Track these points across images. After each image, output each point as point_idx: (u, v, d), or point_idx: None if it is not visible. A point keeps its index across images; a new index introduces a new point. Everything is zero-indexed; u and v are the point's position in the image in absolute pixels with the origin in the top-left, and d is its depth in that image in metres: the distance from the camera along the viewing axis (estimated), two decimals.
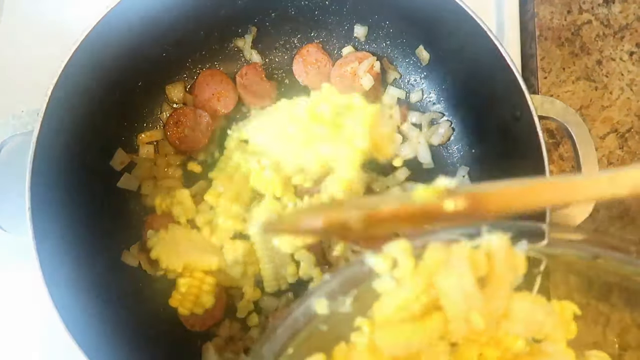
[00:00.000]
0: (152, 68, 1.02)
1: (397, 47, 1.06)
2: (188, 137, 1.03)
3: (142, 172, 1.02)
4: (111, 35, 0.88)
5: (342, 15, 1.05)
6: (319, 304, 0.56)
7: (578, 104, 1.10)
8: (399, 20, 1.03)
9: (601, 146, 1.09)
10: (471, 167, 1.03)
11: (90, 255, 0.91)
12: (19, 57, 1.09)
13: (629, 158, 1.09)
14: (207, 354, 0.94)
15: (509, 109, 0.88)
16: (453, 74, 1.01)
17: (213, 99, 1.05)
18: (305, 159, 0.92)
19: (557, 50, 1.13)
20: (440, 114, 1.06)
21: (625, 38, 1.13)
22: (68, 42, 0.84)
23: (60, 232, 0.85)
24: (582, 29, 1.13)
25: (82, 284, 0.87)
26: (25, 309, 0.98)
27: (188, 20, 1.01)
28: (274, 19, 1.05)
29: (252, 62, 1.08)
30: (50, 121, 0.83)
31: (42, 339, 0.97)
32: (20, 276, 0.95)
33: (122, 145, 1.01)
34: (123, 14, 0.88)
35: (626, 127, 1.10)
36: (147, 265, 0.98)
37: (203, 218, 0.97)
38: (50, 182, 0.85)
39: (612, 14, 1.14)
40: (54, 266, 0.80)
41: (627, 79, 1.11)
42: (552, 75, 1.12)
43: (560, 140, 1.09)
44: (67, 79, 0.84)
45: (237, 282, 0.98)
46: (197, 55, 1.06)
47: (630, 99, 1.10)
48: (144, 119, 1.05)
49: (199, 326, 0.96)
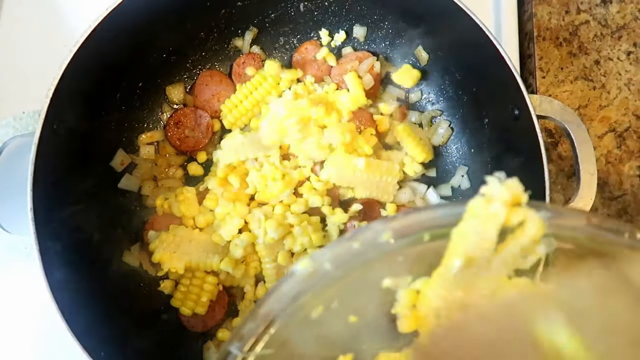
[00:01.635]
0: (152, 69, 1.03)
1: (396, 48, 1.07)
2: (188, 138, 1.03)
3: (143, 172, 1.02)
4: (111, 37, 0.88)
5: (341, 15, 1.05)
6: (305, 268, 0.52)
7: (576, 104, 1.11)
8: (397, 21, 1.03)
9: (599, 145, 1.10)
10: (470, 167, 1.03)
11: (92, 256, 0.91)
12: (20, 59, 1.09)
13: (626, 157, 1.09)
14: (209, 353, 0.95)
15: (508, 108, 0.89)
16: (452, 74, 1.02)
17: (213, 100, 1.06)
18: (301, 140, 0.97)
19: (555, 50, 1.13)
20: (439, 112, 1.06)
21: (622, 38, 1.14)
22: (68, 43, 0.85)
23: (62, 232, 0.85)
24: (579, 29, 1.14)
25: (84, 284, 0.87)
26: (26, 309, 0.98)
27: (188, 21, 1.01)
28: (273, 20, 1.05)
29: (250, 52, 1.07)
30: (50, 122, 0.83)
31: (43, 338, 0.97)
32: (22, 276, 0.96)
33: (123, 145, 1.01)
34: (123, 15, 0.88)
35: (624, 127, 1.10)
36: (148, 266, 0.98)
37: (204, 218, 0.98)
38: (52, 182, 0.85)
39: (609, 14, 1.14)
40: (55, 267, 0.80)
41: (625, 79, 1.12)
42: (550, 75, 1.12)
43: (559, 140, 1.10)
44: (67, 80, 0.84)
45: (239, 281, 0.98)
46: (196, 55, 1.07)
47: (628, 99, 1.11)
48: (144, 120, 1.05)
49: (200, 327, 0.97)
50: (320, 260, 0.52)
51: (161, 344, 0.94)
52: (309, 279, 0.52)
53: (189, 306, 0.94)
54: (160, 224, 0.99)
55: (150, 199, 1.02)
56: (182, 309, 0.94)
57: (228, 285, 0.99)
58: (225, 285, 0.98)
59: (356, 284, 0.55)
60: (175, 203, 0.99)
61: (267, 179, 0.97)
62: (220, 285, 0.97)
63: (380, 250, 0.52)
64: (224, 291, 0.98)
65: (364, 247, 0.52)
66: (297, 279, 0.52)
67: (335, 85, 1.05)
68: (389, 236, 0.51)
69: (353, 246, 0.52)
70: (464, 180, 1.03)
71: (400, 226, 0.52)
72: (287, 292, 0.52)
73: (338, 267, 0.52)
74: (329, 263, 0.52)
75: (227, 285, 0.99)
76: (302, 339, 0.55)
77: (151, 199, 1.02)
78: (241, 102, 1.03)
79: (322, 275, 0.52)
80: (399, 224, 0.52)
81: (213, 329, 0.98)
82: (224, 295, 0.98)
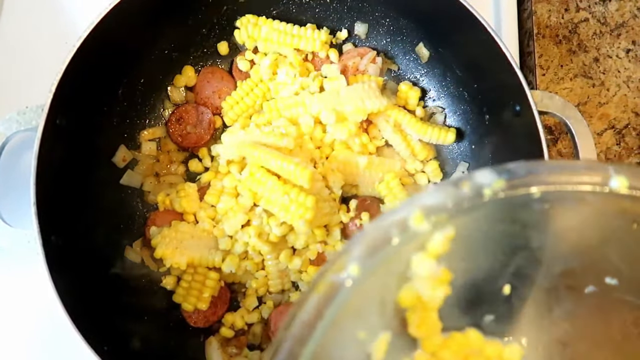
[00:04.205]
0: (153, 65, 1.03)
1: (397, 45, 1.07)
2: (190, 134, 1.04)
3: (145, 169, 1.02)
4: (114, 33, 0.88)
5: (342, 13, 1.06)
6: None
7: (575, 101, 1.12)
8: (399, 18, 1.04)
9: (598, 142, 1.10)
10: (471, 163, 1.04)
11: (94, 251, 0.91)
12: (23, 54, 1.09)
13: (626, 154, 1.10)
14: (210, 348, 0.95)
15: (509, 104, 0.89)
16: (453, 70, 1.02)
17: (214, 96, 1.06)
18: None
19: (554, 48, 1.14)
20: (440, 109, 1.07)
21: (621, 36, 1.14)
22: (71, 38, 0.85)
23: (65, 227, 0.85)
24: (579, 27, 1.15)
25: (86, 280, 0.87)
26: (29, 303, 0.98)
27: (190, 17, 1.02)
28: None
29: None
30: (53, 117, 0.83)
31: (46, 332, 0.97)
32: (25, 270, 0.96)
33: (125, 142, 1.01)
34: (126, 11, 0.88)
35: (623, 124, 1.11)
36: (150, 262, 0.98)
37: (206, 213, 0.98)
38: (54, 177, 0.85)
39: (608, 12, 1.15)
40: (57, 261, 0.80)
41: (624, 76, 1.13)
42: (550, 73, 1.13)
43: (559, 137, 1.10)
44: (70, 75, 0.84)
45: (240, 277, 0.98)
46: (198, 52, 1.07)
47: (627, 96, 1.12)
48: (146, 116, 1.05)
49: (202, 322, 0.97)
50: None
51: (163, 340, 0.94)
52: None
53: (191, 302, 0.94)
54: (162, 220, 0.99)
55: (152, 195, 1.02)
56: (184, 304, 0.94)
57: (230, 281, 0.99)
58: (227, 281, 0.99)
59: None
60: (177, 199, 0.99)
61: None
62: (222, 281, 0.97)
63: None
64: (225, 287, 0.98)
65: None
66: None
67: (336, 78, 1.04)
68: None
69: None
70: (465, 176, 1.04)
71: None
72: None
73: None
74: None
75: (229, 281, 0.99)
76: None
77: (153, 195, 1.02)
78: (242, 99, 1.03)
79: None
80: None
81: (215, 324, 0.98)
82: (225, 291, 0.98)
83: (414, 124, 1.00)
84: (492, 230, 0.54)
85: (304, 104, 0.99)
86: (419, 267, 0.50)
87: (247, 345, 0.98)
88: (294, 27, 1.02)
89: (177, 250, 0.95)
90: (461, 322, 0.57)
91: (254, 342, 0.98)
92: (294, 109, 0.99)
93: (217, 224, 0.98)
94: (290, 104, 1.00)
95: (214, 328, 0.98)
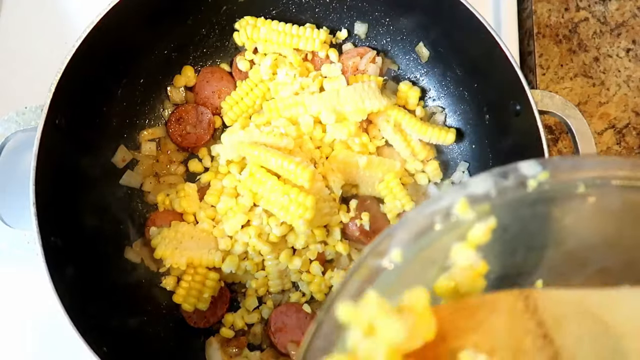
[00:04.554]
0: (153, 65, 1.03)
1: (397, 45, 1.07)
2: (190, 134, 1.03)
3: (145, 169, 1.02)
4: (113, 33, 0.88)
5: (342, 12, 1.06)
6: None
7: (576, 101, 1.11)
8: (398, 18, 1.04)
9: (599, 142, 1.10)
10: (471, 163, 1.04)
11: (94, 251, 0.91)
12: (22, 54, 1.09)
13: (626, 153, 1.10)
14: (210, 349, 0.95)
15: (509, 104, 0.89)
16: (453, 70, 1.02)
17: (214, 96, 1.06)
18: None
19: (554, 47, 1.14)
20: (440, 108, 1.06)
21: (621, 35, 1.14)
22: (71, 38, 0.85)
23: (64, 227, 0.85)
24: (579, 26, 1.15)
25: (86, 280, 0.87)
26: (29, 303, 0.98)
27: (189, 18, 1.02)
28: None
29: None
30: (53, 118, 0.83)
31: (45, 332, 0.97)
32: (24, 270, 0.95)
33: (124, 142, 1.01)
34: (125, 11, 0.88)
35: (623, 123, 1.11)
36: (150, 262, 0.98)
37: (206, 213, 0.98)
38: (54, 178, 0.85)
39: (608, 12, 1.15)
40: (57, 261, 0.80)
41: (624, 76, 1.12)
42: (550, 72, 1.13)
43: (559, 136, 1.10)
44: (69, 75, 0.84)
45: (240, 278, 0.98)
46: (197, 52, 1.07)
47: (627, 95, 1.12)
48: (146, 116, 1.05)
49: (202, 323, 0.97)
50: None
51: (163, 340, 0.94)
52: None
53: (191, 302, 0.94)
54: (162, 220, 0.99)
55: (152, 195, 1.02)
56: (184, 305, 0.94)
57: (230, 281, 0.99)
58: (227, 282, 0.99)
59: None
60: (177, 199, 0.99)
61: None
62: (222, 281, 0.97)
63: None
64: (225, 287, 0.98)
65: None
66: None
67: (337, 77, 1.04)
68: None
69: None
70: (465, 176, 1.04)
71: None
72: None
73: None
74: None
75: (229, 282, 0.99)
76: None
77: (152, 196, 1.02)
78: (242, 99, 1.03)
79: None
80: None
81: (215, 325, 0.97)
82: (225, 291, 0.98)
83: (414, 123, 1.00)
84: (529, 223, 0.53)
85: (303, 104, 0.99)
86: (458, 257, 0.50)
87: (247, 345, 0.98)
88: (293, 27, 1.02)
89: (177, 250, 0.95)
90: None
91: (254, 342, 0.98)
92: (294, 109, 0.99)
93: (217, 224, 0.98)
94: (290, 104, 0.99)
95: (214, 328, 0.98)
